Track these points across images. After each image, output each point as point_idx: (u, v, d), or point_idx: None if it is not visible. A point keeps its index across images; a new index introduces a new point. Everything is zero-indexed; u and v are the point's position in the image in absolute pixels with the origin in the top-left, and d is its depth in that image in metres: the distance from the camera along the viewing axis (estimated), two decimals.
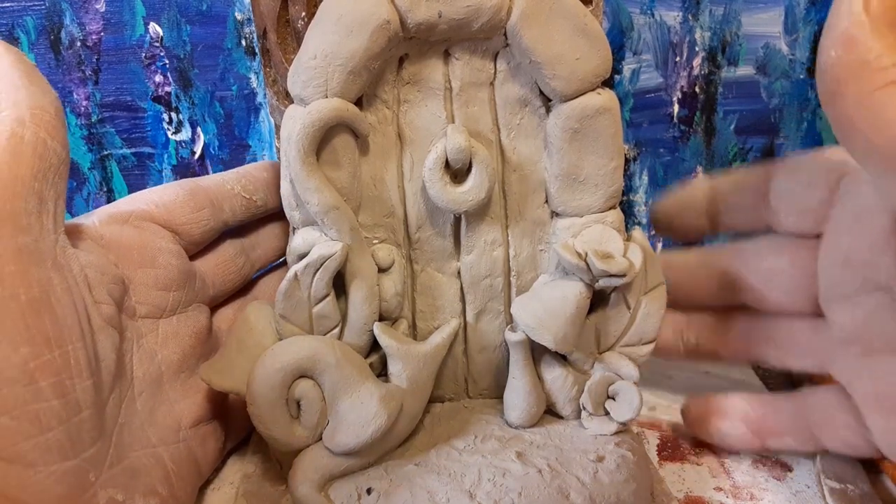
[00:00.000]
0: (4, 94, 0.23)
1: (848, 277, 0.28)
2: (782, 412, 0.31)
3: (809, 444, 0.31)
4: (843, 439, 0.30)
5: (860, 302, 0.28)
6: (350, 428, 0.26)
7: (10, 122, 0.23)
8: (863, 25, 0.22)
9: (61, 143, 0.24)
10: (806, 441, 0.31)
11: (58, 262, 0.23)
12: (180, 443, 0.27)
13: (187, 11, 0.46)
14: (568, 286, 0.28)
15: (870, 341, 0.28)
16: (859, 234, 0.28)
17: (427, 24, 0.26)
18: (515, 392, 0.29)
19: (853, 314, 0.29)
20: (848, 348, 0.29)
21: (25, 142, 0.23)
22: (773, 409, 0.32)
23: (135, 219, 0.28)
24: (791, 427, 0.31)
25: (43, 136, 0.23)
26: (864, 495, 0.29)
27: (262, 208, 0.33)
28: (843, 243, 0.28)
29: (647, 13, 0.47)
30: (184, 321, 0.29)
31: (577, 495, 0.25)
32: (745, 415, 0.32)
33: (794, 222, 0.31)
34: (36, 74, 0.24)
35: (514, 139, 0.29)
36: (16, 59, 0.24)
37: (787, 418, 0.31)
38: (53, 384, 0.21)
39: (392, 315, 0.29)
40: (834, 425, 0.30)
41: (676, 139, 0.51)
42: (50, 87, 0.25)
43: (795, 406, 0.31)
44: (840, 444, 0.30)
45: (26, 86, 0.24)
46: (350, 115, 0.27)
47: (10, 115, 0.23)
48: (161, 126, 0.48)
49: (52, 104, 0.24)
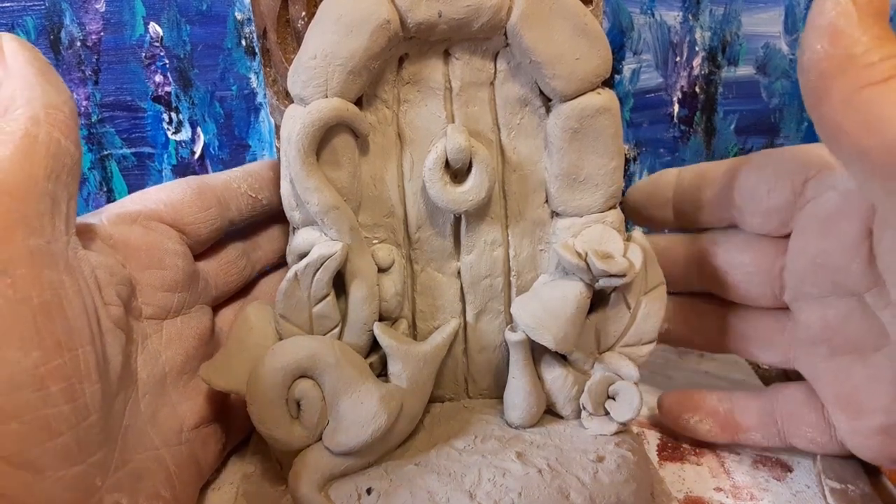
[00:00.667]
0: (19, 91, 0.23)
1: (818, 280, 0.28)
2: (750, 409, 0.32)
3: (776, 440, 0.31)
4: (809, 437, 0.30)
5: (829, 304, 0.28)
6: (350, 428, 0.26)
7: (24, 120, 0.22)
8: (850, 16, 0.21)
9: (75, 143, 0.24)
10: (773, 437, 0.31)
11: (69, 265, 0.23)
12: (182, 445, 0.27)
13: (187, 11, 0.46)
14: (568, 286, 0.28)
15: (836, 343, 0.28)
16: (828, 239, 0.27)
17: (427, 23, 0.26)
18: (515, 392, 0.29)
19: (822, 315, 0.29)
20: (814, 348, 0.29)
21: (39, 141, 0.22)
22: (741, 405, 0.32)
23: (143, 219, 0.28)
24: (758, 423, 0.31)
25: (57, 136, 0.23)
26: (865, 495, 0.29)
27: (267, 207, 0.33)
28: (811, 247, 0.28)
29: (647, 13, 0.47)
30: (187, 322, 0.29)
31: (577, 495, 0.25)
32: (713, 410, 0.32)
33: (760, 223, 0.30)
34: (51, 72, 0.24)
35: (514, 139, 0.29)
36: (31, 56, 0.24)
37: (755, 415, 0.31)
38: (63, 389, 0.21)
39: (392, 315, 0.29)
40: (801, 423, 0.30)
41: (676, 139, 0.51)
42: (65, 86, 0.24)
43: (763, 403, 0.31)
44: (806, 441, 0.30)
45: (41, 84, 0.23)
46: (350, 115, 0.27)
47: (25, 114, 0.22)
48: (161, 126, 0.48)
49: (67, 103, 0.24)
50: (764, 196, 0.30)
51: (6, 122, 0.22)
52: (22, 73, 0.23)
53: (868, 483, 0.30)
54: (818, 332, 0.29)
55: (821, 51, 0.21)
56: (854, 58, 0.21)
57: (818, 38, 0.21)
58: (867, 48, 0.20)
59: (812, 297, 0.29)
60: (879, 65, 0.20)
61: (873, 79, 0.20)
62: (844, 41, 0.21)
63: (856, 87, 0.21)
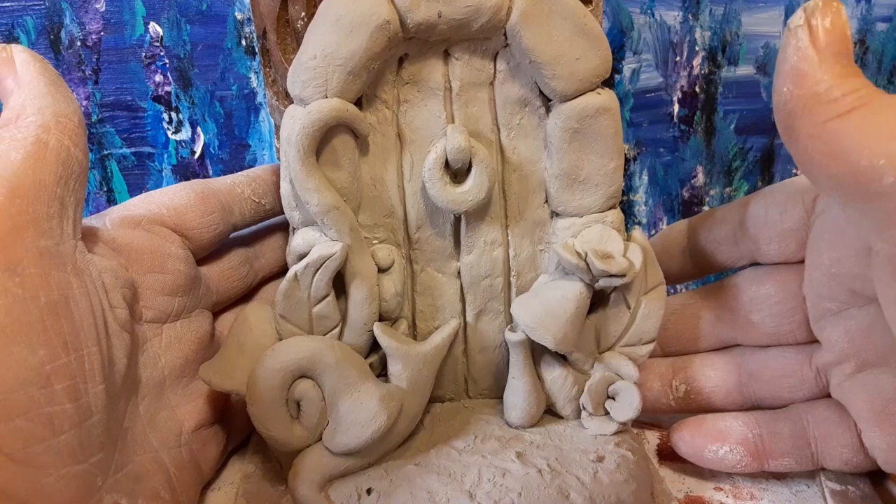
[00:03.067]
0: (30, 100, 0.24)
1: (835, 292, 0.28)
2: (781, 433, 0.30)
3: (809, 463, 0.30)
4: (843, 458, 0.29)
5: (849, 316, 0.28)
6: (350, 428, 0.26)
7: (35, 127, 0.23)
8: (811, 59, 0.22)
9: (83, 152, 0.24)
10: (806, 461, 0.30)
11: (77, 267, 0.23)
12: (182, 447, 0.27)
13: (187, 11, 0.46)
14: (568, 286, 0.28)
15: (863, 356, 0.28)
16: (840, 247, 0.27)
17: (427, 24, 0.26)
18: (515, 392, 0.29)
19: (845, 329, 0.28)
20: (841, 366, 0.29)
21: (50, 148, 0.23)
22: (772, 429, 0.30)
23: (146, 223, 0.28)
24: (791, 448, 0.30)
25: (66, 144, 0.24)
26: (866, 496, 0.29)
27: (270, 212, 0.33)
28: (825, 258, 0.28)
29: (647, 13, 0.47)
30: (187, 326, 0.29)
31: (577, 495, 0.25)
32: (742, 438, 0.30)
33: (776, 249, 0.30)
34: (61, 83, 0.25)
35: (514, 139, 0.29)
36: (42, 67, 0.25)
37: (787, 439, 0.30)
38: (67, 388, 0.21)
39: (392, 315, 0.29)
40: (835, 443, 0.29)
41: (676, 139, 0.51)
42: (73, 97, 0.25)
43: (793, 424, 0.30)
44: (840, 462, 0.29)
45: (52, 93, 0.24)
46: (350, 116, 0.27)
47: (36, 121, 0.23)
48: (161, 126, 0.48)
49: (76, 113, 0.25)
50: (777, 220, 0.30)
51: (18, 128, 0.23)
52: (33, 83, 0.24)
53: (869, 483, 0.29)
54: (844, 349, 0.28)
55: (787, 92, 0.23)
56: (818, 95, 0.22)
57: (784, 82, 0.23)
58: (829, 85, 0.22)
59: (832, 314, 0.28)
60: (842, 99, 0.22)
61: (836, 112, 0.22)
62: (808, 81, 0.22)
63: (820, 121, 0.22)
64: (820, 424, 0.30)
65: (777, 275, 0.31)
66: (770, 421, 0.30)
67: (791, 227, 0.29)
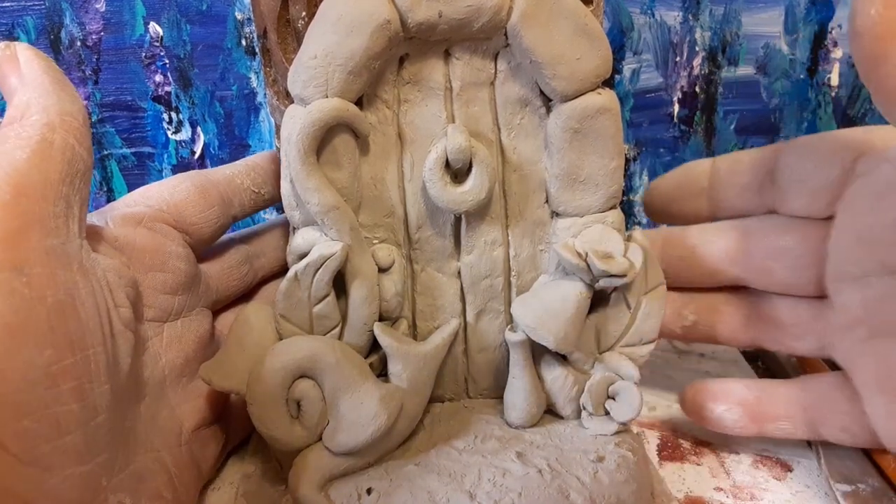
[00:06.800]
0: (35, 98, 0.24)
1: (862, 258, 0.27)
2: (780, 397, 0.31)
3: (806, 430, 0.30)
4: (841, 425, 0.29)
5: (869, 284, 0.27)
6: (350, 428, 0.26)
7: (40, 126, 0.23)
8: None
9: (87, 151, 0.24)
10: (803, 427, 0.30)
11: (83, 266, 0.23)
12: (182, 447, 0.27)
13: (187, 11, 0.46)
14: (568, 286, 0.28)
15: (876, 324, 0.28)
16: (879, 214, 0.27)
17: (427, 23, 0.26)
18: (515, 392, 0.29)
19: (862, 295, 0.28)
20: (852, 331, 0.28)
21: (55, 146, 0.23)
22: (771, 393, 0.31)
23: (148, 220, 0.28)
24: (788, 412, 0.30)
25: (71, 142, 0.23)
26: (876, 490, 0.29)
27: (269, 202, 0.33)
28: (859, 223, 0.27)
29: (647, 13, 0.47)
30: (188, 325, 0.29)
31: (577, 495, 0.25)
32: (742, 398, 0.31)
33: (804, 204, 0.29)
34: (65, 82, 0.25)
35: (515, 139, 0.29)
36: (46, 65, 0.25)
37: (785, 403, 0.30)
38: (73, 388, 0.21)
39: (392, 315, 0.29)
40: (832, 411, 0.29)
41: (676, 139, 0.51)
42: (78, 96, 0.25)
43: (794, 391, 0.31)
44: (838, 430, 0.29)
45: (56, 92, 0.24)
46: (350, 115, 0.27)
47: (41, 120, 0.23)
48: (161, 126, 0.48)
49: (81, 112, 0.25)
50: (811, 175, 0.29)
51: (23, 127, 0.23)
52: (37, 81, 0.24)
53: (875, 475, 0.29)
54: (857, 314, 0.28)
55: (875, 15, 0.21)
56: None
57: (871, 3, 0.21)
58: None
59: (852, 278, 0.28)
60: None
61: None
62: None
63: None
64: (820, 392, 0.30)
65: (800, 229, 0.30)
66: (771, 386, 0.31)
67: (824, 185, 0.28)
